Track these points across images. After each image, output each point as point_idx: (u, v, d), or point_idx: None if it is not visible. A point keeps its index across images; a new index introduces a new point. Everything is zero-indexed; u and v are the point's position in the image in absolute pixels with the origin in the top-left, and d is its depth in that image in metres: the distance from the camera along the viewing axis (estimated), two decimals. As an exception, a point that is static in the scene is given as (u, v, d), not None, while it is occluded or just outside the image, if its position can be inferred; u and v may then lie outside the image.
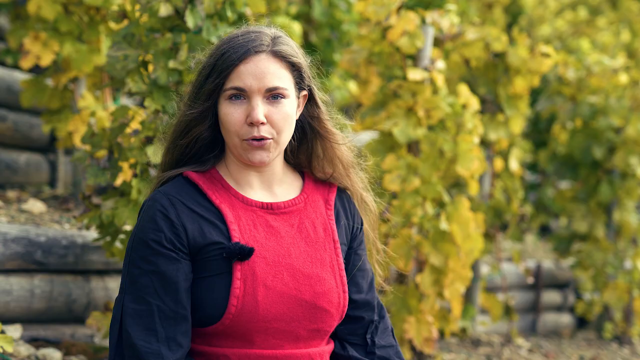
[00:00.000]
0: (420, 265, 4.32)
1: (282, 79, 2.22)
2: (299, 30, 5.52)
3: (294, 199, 2.30)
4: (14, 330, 3.44)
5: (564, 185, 7.57)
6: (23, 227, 3.55)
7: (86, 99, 4.24)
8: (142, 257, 2.15)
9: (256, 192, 2.27)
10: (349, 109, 6.83)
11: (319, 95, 2.34)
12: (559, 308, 6.80)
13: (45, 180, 4.93)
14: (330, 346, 2.33)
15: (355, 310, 2.34)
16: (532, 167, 7.83)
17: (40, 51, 4.37)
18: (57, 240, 3.59)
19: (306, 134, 2.35)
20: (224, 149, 2.30)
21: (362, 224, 2.40)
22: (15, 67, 5.12)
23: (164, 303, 2.12)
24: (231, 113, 2.19)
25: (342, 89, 5.93)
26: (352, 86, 6.01)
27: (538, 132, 7.66)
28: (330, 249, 2.28)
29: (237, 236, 2.18)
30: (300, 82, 2.28)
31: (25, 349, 3.38)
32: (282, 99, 2.22)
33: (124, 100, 4.82)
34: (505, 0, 11.82)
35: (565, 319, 6.78)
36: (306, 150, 2.35)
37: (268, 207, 2.25)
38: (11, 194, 4.49)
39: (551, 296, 6.72)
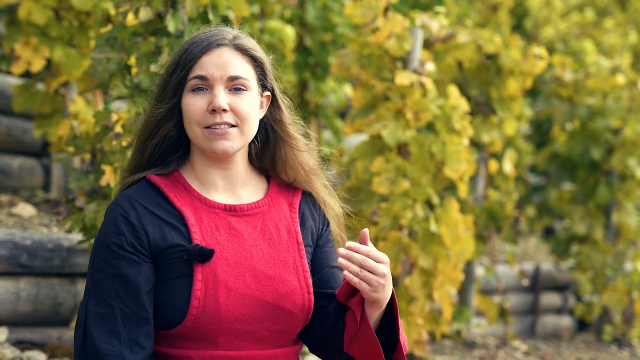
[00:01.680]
0: (410, 268, 4.32)
1: (244, 70, 2.25)
2: (292, 33, 5.52)
3: (257, 201, 2.30)
4: (0, 333, 3.46)
5: (569, 187, 7.56)
6: (8, 230, 3.58)
7: (77, 104, 4.26)
8: (104, 261, 2.16)
9: (220, 194, 2.28)
10: (345, 112, 6.84)
11: (281, 98, 2.35)
12: (558, 310, 6.78)
13: (39, 185, 4.95)
14: (298, 347, 2.33)
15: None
16: (534, 169, 7.82)
17: (30, 56, 4.39)
18: (42, 244, 3.61)
19: (269, 137, 2.35)
20: (188, 150, 2.31)
21: (327, 224, 2.41)
22: (9, 72, 5.14)
23: (126, 306, 2.14)
24: (193, 103, 2.21)
25: (338, 92, 5.93)
26: (348, 89, 6.01)
27: (540, 134, 7.64)
28: (293, 250, 2.28)
29: (198, 239, 2.18)
30: (263, 79, 2.30)
31: (10, 352, 3.40)
32: (245, 91, 2.24)
33: (116, 104, 4.84)
34: (510, 2, 11.79)
35: (565, 321, 6.76)
36: (269, 153, 2.36)
37: (231, 209, 2.26)
38: (3, 198, 4.52)
39: (551, 298, 6.70)
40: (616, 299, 6.18)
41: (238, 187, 2.30)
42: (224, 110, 2.20)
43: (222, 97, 2.20)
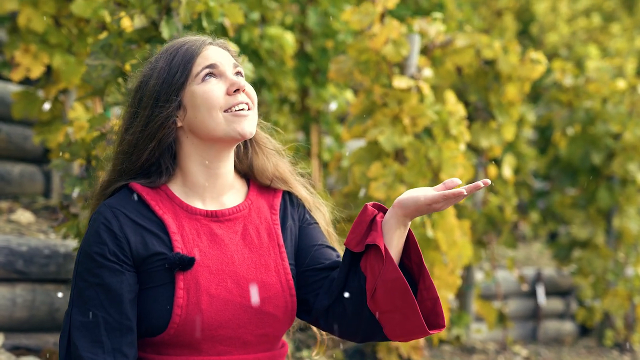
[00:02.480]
0: (406, 273, 4.33)
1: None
2: (292, 40, 5.54)
3: (238, 205, 2.32)
4: (-4, 339, 3.49)
5: (573, 192, 7.55)
6: (5, 237, 3.60)
7: (77, 110, 4.28)
8: (87, 270, 2.18)
9: (204, 199, 2.29)
10: (345, 118, 6.85)
11: None
12: (561, 316, 6.77)
13: (40, 191, 4.98)
14: (284, 350, 2.35)
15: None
16: (540, 174, 7.81)
17: (30, 63, 4.43)
18: (39, 250, 3.63)
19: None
20: (175, 162, 2.30)
21: (308, 211, 2.42)
22: (10, 79, 5.17)
23: (109, 315, 2.16)
24: (211, 89, 2.23)
25: (339, 98, 5.95)
26: (349, 95, 6.02)
27: (545, 139, 7.65)
28: (275, 253, 2.30)
29: (179, 246, 2.20)
30: None
31: (6, 357, 3.42)
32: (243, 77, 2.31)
33: (117, 111, 4.86)
34: (515, 7, 11.78)
35: (568, 326, 6.75)
36: (246, 155, 2.39)
37: (212, 215, 2.27)
38: (3, 204, 4.54)
39: (553, 304, 6.70)
40: (617, 304, 6.17)
41: (224, 190, 2.32)
42: (244, 90, 2.25)
43: (237, 79, 2.25)
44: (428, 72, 4.48)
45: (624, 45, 11.41)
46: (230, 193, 2.34)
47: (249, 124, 2.25)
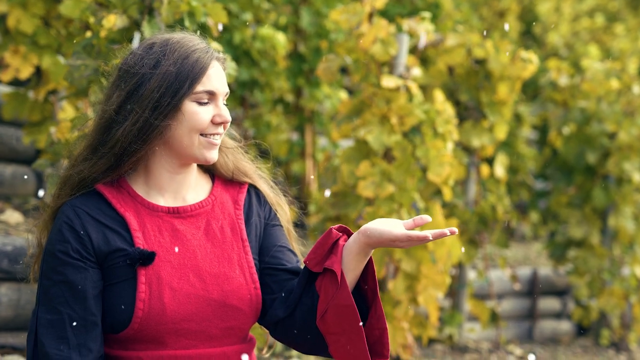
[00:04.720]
0: (394, 271, 4.33)
1: None
2: (284, 40, 5.55)
3: (201, 201, 2.34)
4: (-20, 338, 3.51)
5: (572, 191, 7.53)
6: (-10, 236, 3.62)
7: (66, 111, 4.30)
8: (51, 269, 2.22)
9: (166, 197, 2.31)
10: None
11: None
12: (558, 315, 6.76)
13: (32, 192, 5.00)
14: (250, 345, 2.36)
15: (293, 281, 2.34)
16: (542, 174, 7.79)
17: (19, 64, 4.44)
18: (24, 249, 3.64)
19: None
20: (137, 158, 2.28)
21: (272, 211, 2.44)
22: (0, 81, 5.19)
23: (74, 311, 2.19)
24: (200, 113, 2.24)
25: (333, 98, 5.95)
26: (343, 95, 6.03)
27: (545, 139, 7.64)
28: (238, 247, 2.32)
29: (140, 243, 2.23)
30: None
31: (-10, 356, 3.44)
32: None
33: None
34: (518, 8, 11.75)
35: (565, 326, 6.74)
36: None
37: (174, 212, 2.29)
38: (-6, 205, 4.57)
39: (550, 303, 6.69)
40: (613, 303, 6.16)
41: (186, 189, 2.34)
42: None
43: (227, 111, 2.29)
44: (417, 71, 4.48)
45: (627, 46, 11.37)
46: (192, 190, 2.36)
47: (216, 153, 2.29)
